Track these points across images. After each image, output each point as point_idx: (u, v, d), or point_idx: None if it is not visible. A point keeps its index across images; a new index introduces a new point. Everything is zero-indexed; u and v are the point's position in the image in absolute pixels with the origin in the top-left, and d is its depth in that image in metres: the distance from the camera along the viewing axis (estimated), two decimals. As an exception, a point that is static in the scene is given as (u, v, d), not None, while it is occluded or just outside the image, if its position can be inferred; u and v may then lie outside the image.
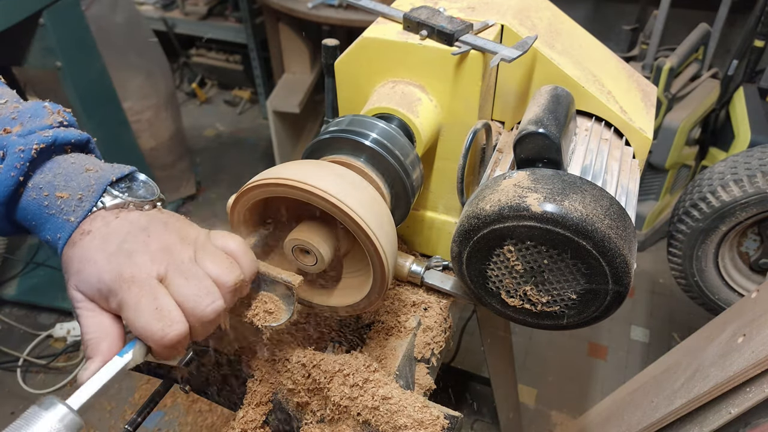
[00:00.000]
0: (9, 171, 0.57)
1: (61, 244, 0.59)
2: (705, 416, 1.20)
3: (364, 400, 0.72)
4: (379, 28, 0.84)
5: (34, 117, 0.61)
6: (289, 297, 0.70)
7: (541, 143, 0.74)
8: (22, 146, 0.58)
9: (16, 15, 1.85)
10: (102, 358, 0.56)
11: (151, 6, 3.62)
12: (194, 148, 3.54)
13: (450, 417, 0.72)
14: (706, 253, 1.59)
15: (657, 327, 2.44)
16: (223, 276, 0.59)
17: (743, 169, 1.48)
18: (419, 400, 0.73)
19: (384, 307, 0.92)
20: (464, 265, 0.76)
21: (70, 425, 0.49)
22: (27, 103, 0.64)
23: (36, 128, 0.60)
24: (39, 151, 0.59)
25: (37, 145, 0.58)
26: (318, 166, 0.68)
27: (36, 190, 0.59)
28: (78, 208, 0.58)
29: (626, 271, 0.67)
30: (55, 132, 0.61)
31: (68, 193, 0.59)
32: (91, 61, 2.26)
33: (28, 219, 0.60)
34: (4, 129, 0.59)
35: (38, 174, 0.60)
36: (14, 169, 0.57)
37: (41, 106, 0.63)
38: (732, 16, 2.55)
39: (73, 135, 0.63)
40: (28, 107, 0.62)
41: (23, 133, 0.59)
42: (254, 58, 3.43)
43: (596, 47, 1.00)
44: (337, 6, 2.63)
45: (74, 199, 0.59)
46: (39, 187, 0.59)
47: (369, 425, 0.72)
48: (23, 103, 0.63)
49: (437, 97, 0.83)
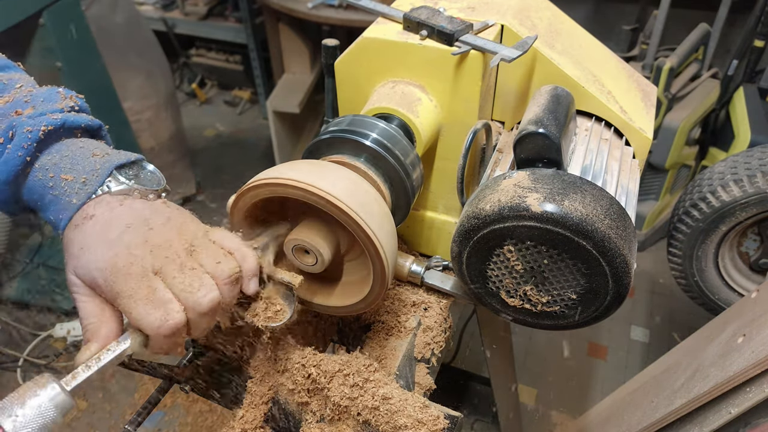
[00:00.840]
0: (17, 151, 0.58)
1: (62, 225, 0.59)
2: (705, 416, 1.20)
3: (364, 400, 0.72)
4: (379, 28, 0.84)
5: (47, 101, 0.62)
6: (289, 297, 0.70)
7: (541, 143, 0.74)
8: (30, 127, 0.59)
9: (16, 15, 1.85)
10: (101, 342, 0.56)
11: (151, 6, 3.62)
12: (194, 148, 3.54)
13: (450, 417, 0.72)
14: (706, 253, 1.59)
15: (657, 327, 2.44)
16: (218, 268, 0.59)
17: (743, 169, 1.48)
18: (419, 400, 0.73)
19: (384, 307, 0.92)
20: (464, 265, 0.76)
21: (60, 405, 0.50)
22: (41, 88, 0.65)
23: (47, 111, 0.61)
24: (47, 133, 0.60)
25: (45, 127, 0.59)
26: (318, 166, 0.68)
27: (42, 171, 0.60)
28: (81, 190, 0.59)
29: (626, 271, 0.67)
30: (64, 116, 0.62)
31: (73, 176, 0.59)
32: (91, 61, 2.26)
33: (33, 199, 0.61)
34: (16, 111, 0.60)
35: (45, 155, 0.61)
36: (21, 149, 0.58)
37: (55, 92, 0.64)
38: (732, 16, 2.55)
39: (84, 120, 0.64)
40: (42, 92, 0.64)
41: (33, 115, 0.60)
42: (254, 58, 3.43)
43: (596, 47, 1.00)
44: (337, 6, 2.63)
45: (78, 181, 0.59)
46: (45, 168, 0.60)
47: (369, 425, 0.72)
48: (38, 88, 0.65)
49: (437, 97, 0.83)
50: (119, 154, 0.63)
